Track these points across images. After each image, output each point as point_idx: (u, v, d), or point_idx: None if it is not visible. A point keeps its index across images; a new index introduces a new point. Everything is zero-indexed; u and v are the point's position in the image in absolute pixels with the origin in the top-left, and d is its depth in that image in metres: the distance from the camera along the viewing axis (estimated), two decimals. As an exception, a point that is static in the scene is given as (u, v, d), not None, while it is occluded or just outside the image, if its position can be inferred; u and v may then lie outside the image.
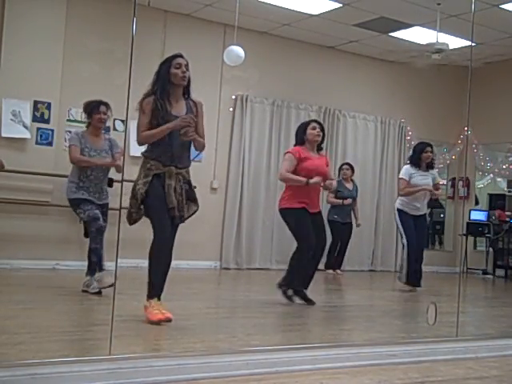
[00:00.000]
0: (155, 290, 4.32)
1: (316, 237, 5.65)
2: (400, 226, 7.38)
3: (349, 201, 9.30)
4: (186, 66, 4.48)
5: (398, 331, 4.96)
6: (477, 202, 11.82)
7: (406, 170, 7.39)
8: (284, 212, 5.77)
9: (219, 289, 7.93)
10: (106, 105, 5.76)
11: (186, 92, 4.57)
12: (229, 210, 9.43)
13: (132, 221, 4.37)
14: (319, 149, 5.94)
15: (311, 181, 5.57)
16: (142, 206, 4.36)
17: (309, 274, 5.76)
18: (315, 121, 6.05)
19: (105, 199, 5.78)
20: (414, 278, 7.35)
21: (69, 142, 5.90)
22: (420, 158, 7.35)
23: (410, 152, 8.10)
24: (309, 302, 5.70)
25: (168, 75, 4.42)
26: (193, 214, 4.59)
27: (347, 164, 9.68)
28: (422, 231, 7.49)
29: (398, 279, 7.45)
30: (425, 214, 7.62)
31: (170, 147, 4.41)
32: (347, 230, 9.47)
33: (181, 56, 4.49)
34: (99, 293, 5.46)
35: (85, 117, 5.84)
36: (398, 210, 7.37)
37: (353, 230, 9.56)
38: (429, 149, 7.42)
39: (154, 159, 4.41)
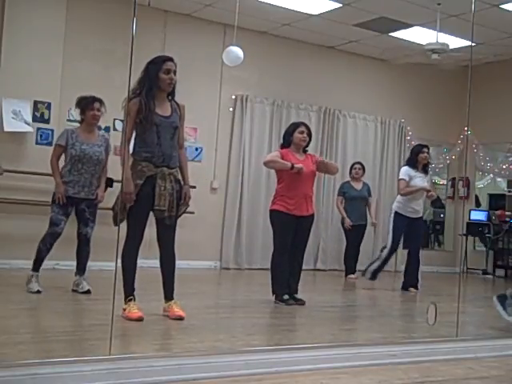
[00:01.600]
0: (129, 291, 4.47)
1: (296, 239, 5.76)
2: (391, 229, 7.50)
3: (347, 223, 8.96)
4: (175, 71, 4.49)
5: (398, 331, 4.96)
6: (478, 204, 11.76)
7: (406, 171, 7.47)
8: (271, 213, 5.90)
9: (219, 289, 7.93)
10: (100, 101, 5.69)
11: (171, 94, 4.59)
12: (229, 210, 9.43)
13: (118, 221, 4.40)
14: (304, 151, 6.00)
15: (296, 165, 5.64)
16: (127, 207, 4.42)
17: (293, 273, 5.80)
18: (304, 124, 6.05)
19: (93, 194, 5.71)
20: (411, 281, 7.43)
21: (56, 140, 5.92)
22: (417, 159, 7.48)
23: (408, 154, 8.21)
24: (298, 301, 5.74)
25: (156, 79, 4.42)
26: (182, 213, 4.65)
27: (359, 163, 9.34)
28: (418, 234, 7.57)
29: (363, 274, 7.70)
30: (422, 216, 7.67)
31: (160, 147, 4.44)
32: (357, 233, 9.14)
33: (171, 60, 4.49)
34: (88, 292, 5.50)
35: (78, 112, 5.79)
36: (396, 212, 7.45)
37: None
38: (425, 150, 7.56)
39: (145, 160, 4.43)
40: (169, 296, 4.59)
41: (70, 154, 5.63)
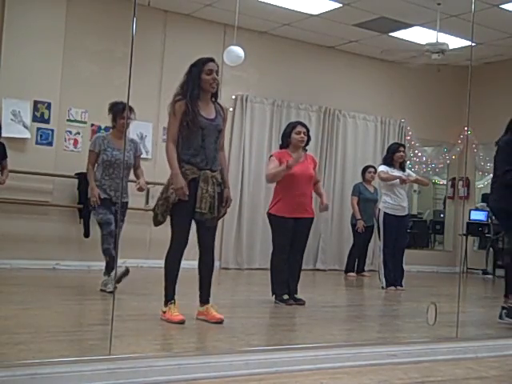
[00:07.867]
0: (171, 294, 4.45)
1: (295, 240, 5.77)
2: (381, 230, 7.52)
3: (361, 225, 9.07)
4: (217, 71, 4.48)
5: (398, 331, 4.96)
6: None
7: (384, 167, 7.59)
8: (269, 216, 5.91)
9: (219, 289, 7.90)
10: (130, 109, 5.80)
11: (214, 96, 4.58)
12: (229, 209, 9.37)
13: (158, 223, 4.43)
14: (304, 150, 5.97)
15: (289, 162, 5.57)
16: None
17: (292, 273, 5.81)
18: (301, 124, 6.02)
19: (124, 198, 5.90)
20: (393, 278, 7.46)
21: (89, 146, 6.07)
22: (393, 158, 7.59)
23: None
24: (298, 301, 5.75)
25: (199, 80, 4.41)
26: (222, 215, 4.69)
27: (372, 167, 9.41)
28: (403, 231, 7.61)
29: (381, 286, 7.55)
30: (408, 214, 7.75)
31: (204, 150, 4.42)
32: (367, 234, 9.26)
33: (212, 60, 4.48)
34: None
35: (109, 118, 5.94)
36: (384, 213, 7.48)
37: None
38: (401, 149, 7.69)
39: (189, 163, 4.40)
40: (204, 299, 4.59)
41: (101, 159, 5.83)
